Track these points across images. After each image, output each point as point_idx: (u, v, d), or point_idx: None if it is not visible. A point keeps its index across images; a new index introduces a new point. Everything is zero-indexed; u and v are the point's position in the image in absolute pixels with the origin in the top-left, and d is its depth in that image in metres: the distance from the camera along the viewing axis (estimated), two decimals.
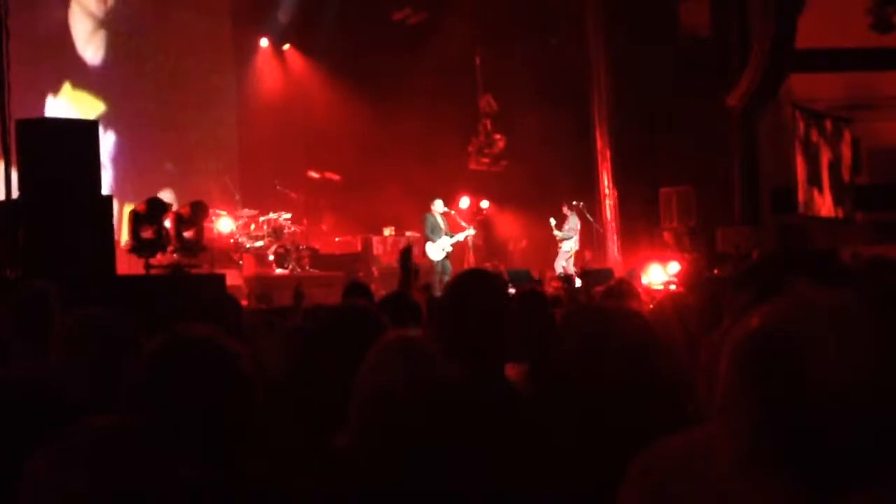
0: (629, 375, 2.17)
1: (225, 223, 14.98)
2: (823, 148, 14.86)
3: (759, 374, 1.30)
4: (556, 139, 16.61)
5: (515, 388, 2.83)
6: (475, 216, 17.27)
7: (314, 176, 18.01)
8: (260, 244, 14.85)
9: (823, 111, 14.90)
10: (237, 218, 15.16)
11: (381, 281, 14.49)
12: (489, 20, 17.42)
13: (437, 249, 14.62)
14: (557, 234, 15.85)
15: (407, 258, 9.65)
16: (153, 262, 10.02)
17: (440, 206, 14.99)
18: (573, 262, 15.72)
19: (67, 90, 15.04)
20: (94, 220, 7.79)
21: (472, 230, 15.43)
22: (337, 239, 17.42)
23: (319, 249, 16.09)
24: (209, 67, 17.36)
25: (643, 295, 5.90)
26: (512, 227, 18.33)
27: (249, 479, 1.91)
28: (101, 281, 7.33)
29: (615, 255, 16.71)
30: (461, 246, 15.58)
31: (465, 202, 17.41)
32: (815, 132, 14.70)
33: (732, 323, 1.87)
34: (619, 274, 12.15)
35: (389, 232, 17.04)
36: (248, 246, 14.82)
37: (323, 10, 18.23)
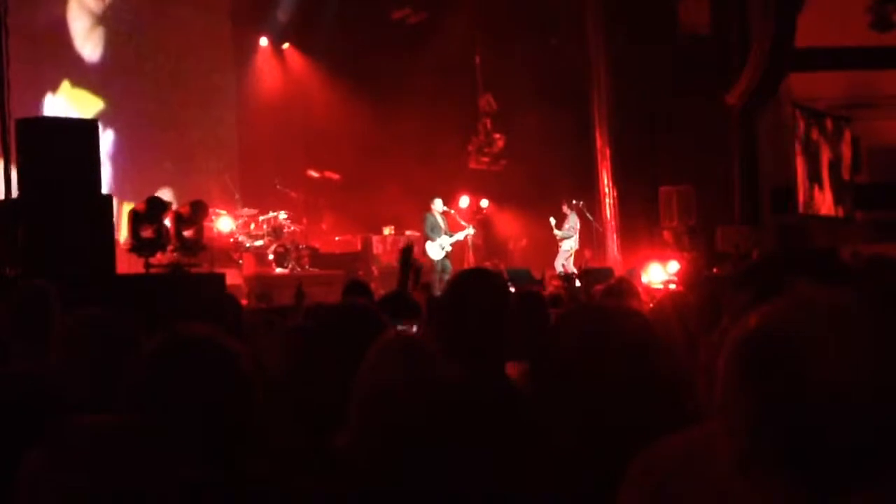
0: (629, 375, 2.16)
1: (225, 222, 14.96)
2: (823, 147, 14.84)
3: (758, 373, 1.30)
4: (555, 139, 16.60)
5: (515, 387, 2.83)
6: (475, 215, 17.28)
7: (314, 175, 18.00)
8: (260, 243, 14.84)
9: (823, 110, 14.88)
10: (237, 217, 15.14)
11: (380, 280, 14.49)
12: (489, 20, 17.41)
13: (436, 248, 14.62)
14: (557, 233, 15.82)
15: (407, 257, 9.63)
16: (153, 261, 10.02)
17: (440, 205, 14.99)
18: (573, 261, 15.70)
19: (66, 88, 15.00)
20: (93, 219, 7.81)
21: (471, 229, 15.43)
22: (337, 238, 17.41)
23: (319, 249, 16.09)
24: (209, 66, 17.34)
25: (643, 294, 5.90)
26: (512, 226, 18.32)
27: (249, 478, 1.91)
28: (100, 280, 7.34)
29: (615, 254, 16.70)
30: (461, 245, 15.57)
31: (464, 201, 17.41)
32: (815, 131, 14.68)
33: (732, 322, 1.86)
34: (618, 273, 12.12)
35: (389, 231, 17.03)
36: (247, 245, 14.81)
37: (322, 9, 18.21)
